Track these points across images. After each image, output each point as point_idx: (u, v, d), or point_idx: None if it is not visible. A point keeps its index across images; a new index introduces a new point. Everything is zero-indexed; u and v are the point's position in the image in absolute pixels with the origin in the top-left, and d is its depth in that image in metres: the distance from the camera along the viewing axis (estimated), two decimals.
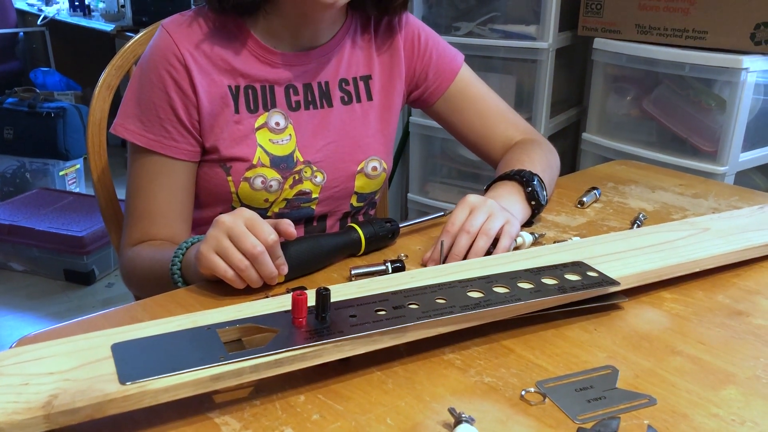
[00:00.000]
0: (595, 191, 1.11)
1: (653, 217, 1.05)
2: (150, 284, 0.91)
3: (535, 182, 0.97)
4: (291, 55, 0.98)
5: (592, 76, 1.90)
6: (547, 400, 0.61)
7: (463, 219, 0.86)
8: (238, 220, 0.76)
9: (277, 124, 0.98)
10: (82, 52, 4.40)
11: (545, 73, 1.91)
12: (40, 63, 4.48)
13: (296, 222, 1.02)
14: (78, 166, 3.30)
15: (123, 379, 0.54)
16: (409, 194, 2.28)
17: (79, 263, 2.56)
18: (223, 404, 0.61)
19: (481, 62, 2.02)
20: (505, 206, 0.90)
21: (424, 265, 0.87)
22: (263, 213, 0.99)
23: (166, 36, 0.94)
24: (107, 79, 1.16)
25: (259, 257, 0.75)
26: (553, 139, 2.06)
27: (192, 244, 0.85)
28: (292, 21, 0.97)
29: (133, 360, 0.57)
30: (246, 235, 0.75)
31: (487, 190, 1.00)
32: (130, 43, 1.18)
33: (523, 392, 0.62)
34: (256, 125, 0.97)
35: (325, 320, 0.64)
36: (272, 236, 0.76)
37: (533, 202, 0.97)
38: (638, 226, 0.99)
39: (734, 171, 1.64)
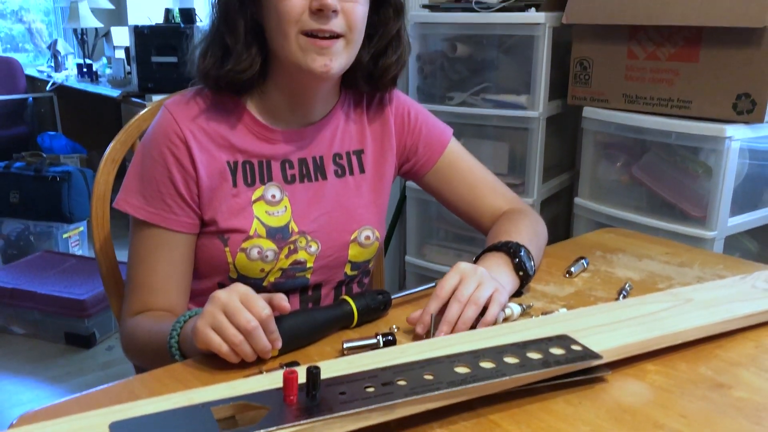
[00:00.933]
0: (583, 261, 1.14)
1: (639, 286, 1.07)
2: (149, 356, 0.94)
3: (522, 253, 1.01)
4: (287, 132, 1.03)
5: (583, 143, 1.95)
6: None
7: (454, 285, 0.89)
8: (232, 296, 0.79)
9: (273, 196, 1.02)
10: (88, 116, 4.51)
11: (537, 141, 1.97)
12: (47, 127, 4.59)
13: (291, 291, 1.05)
14: (81, 228, 3.34)
15: None
16: (406, 257, 2.32)
17: (80, 326, 2.57)
18: None
19: (474, 130, 2.08)
20: (494, 276, 0.94)
21: (412, 324, 0.90)
22: (259, 282, 1.02)
23: (168, 115, 0.99)
24: (112, 153, 1.21)
25: (253, 332, 0.77)
26: (547, 203, 2.11)
27: (190, 318, 0.87)
28: (288, 98, 1.02)
29: None
30: (240, 311, 0.78)
31: (476, 261, 1.03)
32: (134, 119, 1.24)
33: None
34: (253, 198, 1.01)
35: (315, 398, 0.66)
36: (266, 311, 0.78)
37: (521, 273, 1.00)
38: (624, 297, 1.02)
39: (723, 235, 1.67)
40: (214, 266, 1.02)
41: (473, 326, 0.88)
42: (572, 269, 1.12)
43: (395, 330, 0.92)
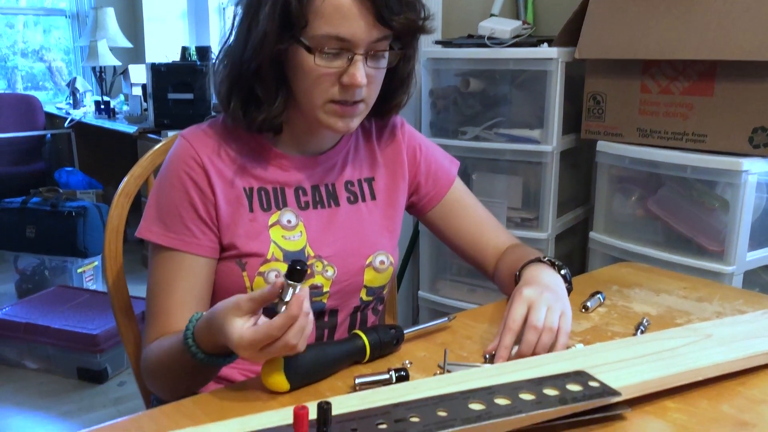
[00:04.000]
0: (599, 295, 1.12)
1: (657, 321, 1.05)
2: (165, 374, 0.94)
3: (563, 265, 1.04)
4: (299, 160, 1.05)
5: (597, 177, 1.94)
6: None
7: (524, 314, 0.91)
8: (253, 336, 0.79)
9: (289, 221, 1.03)
10: (105, 152, 4.57)
11: (550, 175, 1.96)
12: (65, 163, 4.65)
13: None
14: (96, 263, 3.36)
15: None
16: (419, 292, 2.30)
17: (93, 361, 2.56)
18: None
19: (487, 164, 2.08)
20: (553, 288, 0.96)
21: (487, 356, 0.92)
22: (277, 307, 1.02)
23: (185, 143, 1.01)
24: (126, 188, 1.22)
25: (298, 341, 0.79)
26: (561, 237, 2.09)
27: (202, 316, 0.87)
28: (301, 132, 1.05)
29: None
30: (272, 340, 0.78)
31: (519, 275, 1.04)
32: (149, 153, 1.25)
33: None
34: (270, 222, 1.02)
35: None
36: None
37: (566, 285, 1.02)
38: (641, 332, 1.00)
39: (742, 270, 1.65)
40: (233, 292, 1.01)
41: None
42: (588, 304, 1.10)
43: (408, 365, 0.90)
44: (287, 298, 0.78)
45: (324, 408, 0.65)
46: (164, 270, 0.99)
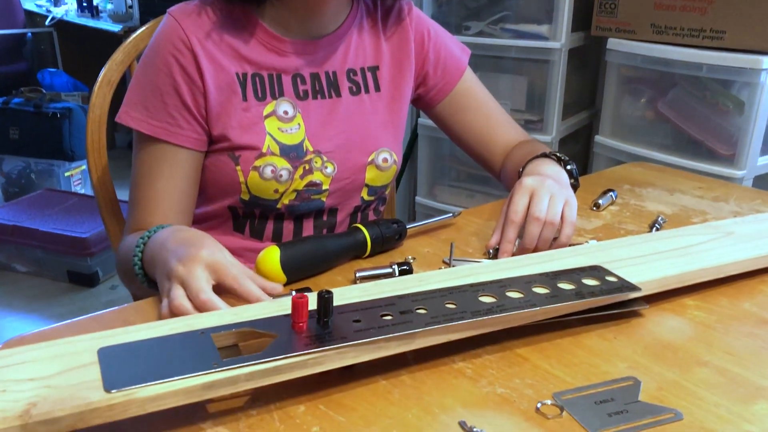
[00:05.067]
0: (611, 193, 1.07)
1: (672, 220, 1.00)
2: (128, 275, 0.87)
3: (570, 160, 0.98)
4: (299, 43, 0.96)
5: (606, 77, 1.85)
6: (564, 413, 0.57)
7: (525, 205, 0.86)
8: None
9: (286, 112, 0.96)
10: (89, 52, 4.38)
11: (558, 74, 1.87)
12: (47, 64, 4.46)
13: (306, 215, 0.99)
14: (83, 167, 3.27)
15: (108, 386, 0.50)
16: (417, 197, 2.24)
17: (83, 265, 2.53)
18: (216, 414, 0.57)
19: (491, 62, 1.98)
20: (556, 178, 0.90)
21: (491, 251, 0.87)
22: (273, 204, 0.96)
23: (173, 21, 0.92)
24: (108, 74, 1.13)
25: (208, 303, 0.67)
26: (564, 142, 2.02)
27: (157, 232, 0.79)
28: (299, 9, 0.95)
29: (120, 366, 0.53)
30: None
31: (522, 173, 0.97)
32: (132, 37, 1.15)
33: (538, 404, 0.58)
34: (265, 113, 0.95)
35: (327, 325, 0.60)
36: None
37: (572, 181, 0.96)
38: (657, 230, 0.95)
39: (752, 175, 1.59)
40: (225, 188, 0.96)
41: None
42: (600, 201, 1.04)
43: (411, 260, 0.85)
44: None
45: (325, 297, 0.59)
46: (146, 160, 0.92)
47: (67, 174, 3.20)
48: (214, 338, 0.58)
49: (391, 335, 0.59)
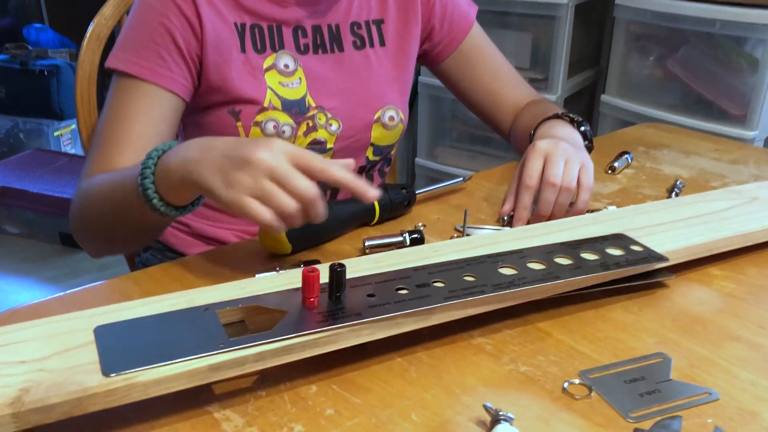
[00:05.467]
0: (627, 156, 1.02)
1: (691, 185, 0.96)
2: (100, 217, 0.77)
3: (584, 121, 0.93)
4: None
5: (613, 34, 1.79)
6: (593, 393, 0.54)
7: (540, 169, 0.81)
8: (278, 157, 0.61)
9: (286, 66, 0.91)
10: (77, 8, 4.25)
11: (564, 31, 1.80)
12: (33, 19, 4.33)
13: None
14: (73, 126, 3.19)
15: (106, 370, 0.47)
16: (417, 159, 2.19)
17: None
18: (223, 396, 0.53)
19: (494, 18, 1.91)
20: (570, 140, 0.86)
21: (505, 218, 0.83)
22: None
23: None
24: (96, 30, 1.07)
25: (313, 201, 0.61)
26: (569, 101, 1.97)
27: (171, 149, 0.68)
28: None
29: (119, 346, 0.49)
30: (294, 177, 0.61)
31: (533, 135, 0.93)
32: None
33: (565, 384, 0.55)
34: (265, 66, 0.90)
35: (339, 300, 0.56)
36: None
37: (586, 143, 0.92)
38: (677, 195, 0.91)
39: (764, 136, 1.55)
40: None
41: None
42: (615, 165, 1.00)
43: (422, 228, 0.81)
44: None
45: (337, 270, 0.55)
46: (124, 100, 0.83)
47: (56, 133, 3.12)
48: (220, 314, 0.54)
49: (409, 311, 0.55)
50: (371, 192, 0.63)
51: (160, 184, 0.67)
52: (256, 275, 0.66)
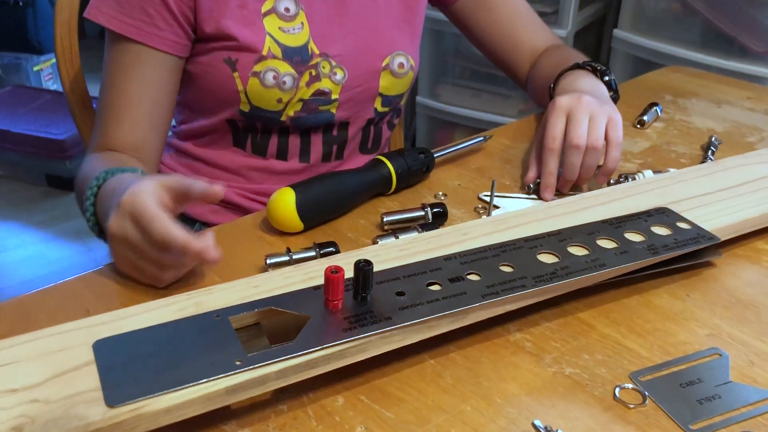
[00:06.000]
0: (656, 108, 0.95)
1: (726, 140, 0.89)
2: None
3: (609, 71, 0.86)
4: None
5: None
6: (648, 400, 0.49)
7: (563, 129, 0.75)
8: (125, 223, 0.57)
9: (287, 9, 0.83)
10: None
11: None
12: None
13: (314, 129, 0.88)
14: (53, 60, 3.04)
15: (111, 400, 0.41)
16: (417, 98, 2.09)
17: (61, 168, 2.39)
18: (241, 411, 0.48)
19: None
20: (594, 93, 0.79)
21: (531, 185, 0.77)
22: (277, 116, 0.84)
23: None
24: None
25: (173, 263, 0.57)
26: (579, 35, 1.86)
27: (115, 176, 0.66)
28: None
29: (122, 366, 0.43)
30: (141, 243, 0.56)
31: (554, 87, 0.86)
32: None
33: (617, 390, 0.50)
34: (263, 10, 0.82)
35: (366, 301, 0.50)
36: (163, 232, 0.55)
37: (611, 93, 0.85)
38: (713, 153, 0.85)
39: None
40: (222, 98, 0.84)
41: None
42: (645, 118, 0.93)
43: (442, 198, 0.75)
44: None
45: (364, 269, 0.49)
46: (117, 62, 0.79)
47: (36, 68, 2.98)
48: (232, 321, 0.48)
49: (444, 313, 0.50)
50: (211, 253, 0.54)
51: (99, 212, 0.65)
52: (266, 260, 0.61)
